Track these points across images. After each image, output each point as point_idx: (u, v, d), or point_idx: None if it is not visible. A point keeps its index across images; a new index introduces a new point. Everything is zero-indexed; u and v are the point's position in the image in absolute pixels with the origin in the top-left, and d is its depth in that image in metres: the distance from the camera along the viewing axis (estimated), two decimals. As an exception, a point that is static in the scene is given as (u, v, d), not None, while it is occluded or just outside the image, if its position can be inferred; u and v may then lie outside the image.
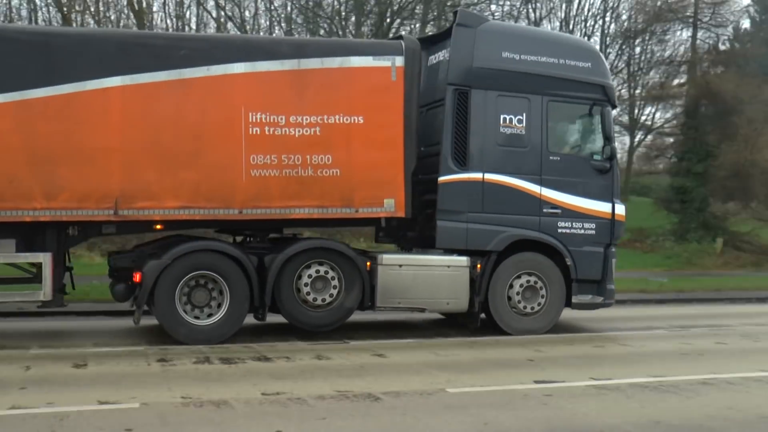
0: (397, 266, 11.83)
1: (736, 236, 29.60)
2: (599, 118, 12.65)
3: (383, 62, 11.59)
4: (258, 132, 11.15)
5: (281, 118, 11.23)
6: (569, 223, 12.42)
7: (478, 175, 12.08)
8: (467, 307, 12.05)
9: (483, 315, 12.32)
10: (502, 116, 12.17)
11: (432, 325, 13.50)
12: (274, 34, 29.93)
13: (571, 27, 33.41)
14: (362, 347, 11.04)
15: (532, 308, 12.34)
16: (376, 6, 27.57)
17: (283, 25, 30.25)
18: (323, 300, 11.55)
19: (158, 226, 11.56)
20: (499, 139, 12.19)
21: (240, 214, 11.21)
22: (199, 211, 11.07)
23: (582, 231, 12.49)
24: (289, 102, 11.28)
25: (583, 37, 33.48)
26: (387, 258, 11.88)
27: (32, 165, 10.45)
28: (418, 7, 28.16)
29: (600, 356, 10.79)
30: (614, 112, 13.36)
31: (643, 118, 39.63)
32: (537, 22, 32.91)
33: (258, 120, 11.15)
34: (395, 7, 26.89)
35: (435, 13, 28.90)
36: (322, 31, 28.19)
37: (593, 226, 12.54)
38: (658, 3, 32.98)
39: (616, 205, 12.74)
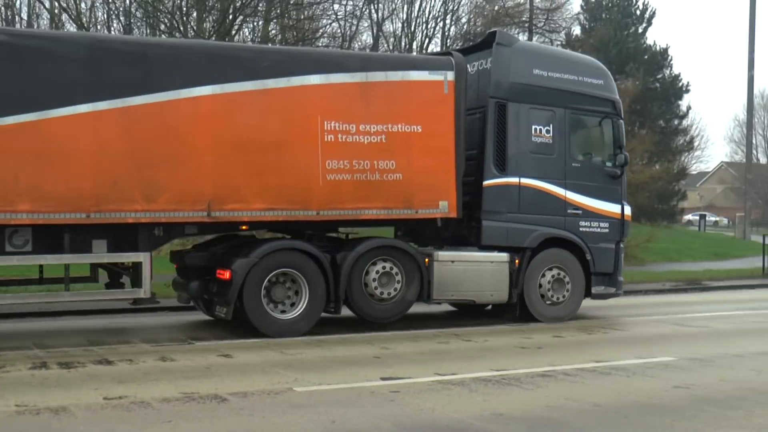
0: (450, 262, 13.10)
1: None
2: (611, 129, 14.32)
3: (437, 76, 12.70)
4: (332, 139, 12.03)
5: (352, 127, 12.16)
6: (588, 223, 14.10)
7: (515, 180, 13.51)
8: (507, 299, 13.48)
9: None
10: (533, 126, 13.64)
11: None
12: (114, 28, 29.06)
13: (413, 28, 33.97)
14: (207, 348, 10.88)
15: (558, 298, 13.89)
16: (218, 2, 27.14)
17: (121, 18, 29.38)
18: (388, 294, 12.56)
19: (243, 227, 12.45)
20: (531, 147, 13.62)
21: (318, 215, 12.10)
22: (281, 213, 11.88)
23: (599, 229, 14.19)
24: (358, 111, 12.23)
25: (425, 38, 34.17)
26: (441, 255, 13.08)
27: (133, 169, 10.94)
28: (261, 5, 27.92)
29: (444, 352, 11.00)
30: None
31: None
32: (380, 23, 33.30)
33: (332, 128, 12.04)
34: (238, 4, 26.54)
35: (278, 11, 28.72)
36: (162, 26, 27.52)
37: (607, 225, 14.27)
38: (496, 8, 34.00)
39: (625, 207, 14.49)
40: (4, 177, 10.32)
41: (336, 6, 30.91)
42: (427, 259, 12.92)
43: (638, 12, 51.42)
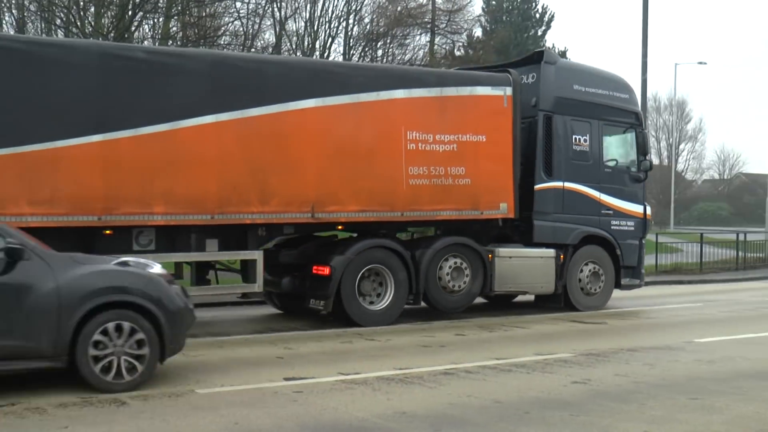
0: (509, 257, 14.61)
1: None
2: (635, 138, 16.24)
3: (498, 91, 14.18)
4: (414, 148, 13.45)
5: (429, 136, 13.60)
6: (618, 222, 15.88)
7: (560, 184, 15.14)
8: (553, 290, 15.13)
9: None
10: (573, 136, 15.32)
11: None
12: (6, 22, 28.11)
13: (315, 27, 33.84)
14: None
15: (595, 289, 15.64)
16: (117, -3, 26.51)
17: (14, 12, 28.44)
18: (458, 287, 14.07)
19: (340, 227, 13.80)
20: (572, 154, 15.26)
21: (402, 216, 13.60)
22: (372, 214, 13.26)
23: (626, 228, 15.98)
24: (434, 123, 13.65)
25: (328, 38, 34.07)
26: (502, 251, 14.58)
27: (250, 175, 12.13)
28: (161, 1, 27.39)
29: (348, 351, 11.02)
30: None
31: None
32: (282, 22, 33.07)
33: (413, 138, 13.46)
34: (137, 0, 25.99)
35: (179, 8, 28.23)
36: (58, 21, 26.75)
37: (633, 223, 16.08)
38: (399, 8, 34.16)
39: (646, 207, 16.39)
40: (142, 182, 11.40)
41: (238, 4, 30.57)
42: (490, 255, 14.40)
43: (537, 15, 52.43)
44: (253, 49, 29.55)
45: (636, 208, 16.13)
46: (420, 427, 7.03)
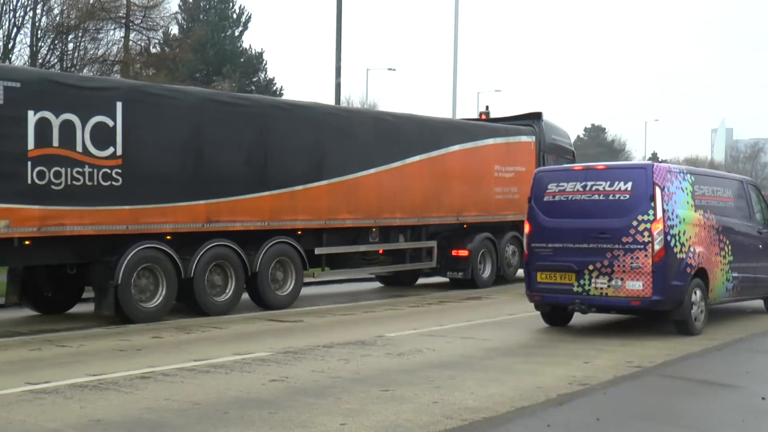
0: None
1: None
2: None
3: (530, 138, 22.02)
4: (497, 175, 20.95)
5: (503, 168, 21.09)
6: None
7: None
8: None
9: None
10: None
11: None
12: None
13: (-1, 16, 31.61)
14: None
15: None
16: None
17: None
18: (514, 263, 21.56)
19: (465, 226, 20.48)
20: None
21: (493, 218, 20.87)
22: (482, 217, 20.63)
23: None
24: (504, 159, 21.17)
25: (13, 28, 31.93)
26: None
27: (433, 193, 19.25)
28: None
29: (37, 360, 10.43)
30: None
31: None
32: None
33: (497, 169, 20.95)
34: None
35: None
36: None
37: None
38: (91, 0, 32.73)
39: None
40: (392, 198, 18.24)
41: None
42: None
43: (235, 15, 52.56)
44: None
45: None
46: (116, 434, 6.82)
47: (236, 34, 52.06)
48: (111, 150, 13.20)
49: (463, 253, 19.98)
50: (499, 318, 14.79)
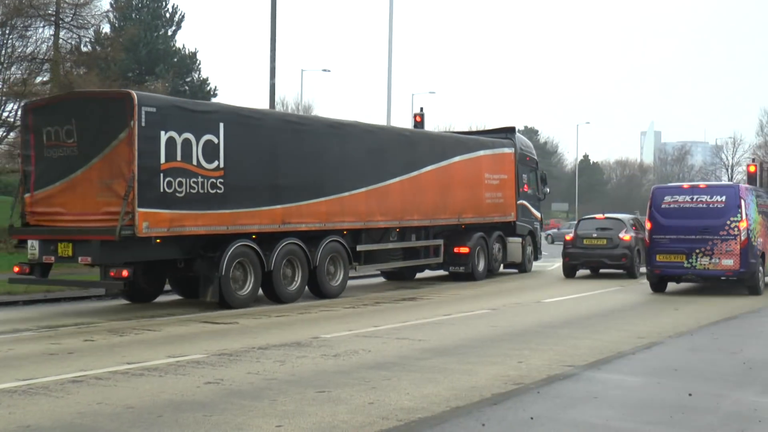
0: (510, 242, 26.54)
1: None
2: (536, 175, 28.62)
3: (511, 150, 25.74)
4: (487, 182, 24.36)
5: (491, 176, 24.61)
6: (537, 223, 29.30)
7: (523, 202, 27.31)
8: (520, 260, 26.83)
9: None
10: (522, 175, 26.85)
11: None
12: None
13: None
14: None
15: (529, 258, 27.75)
16: None
17: None
18: (501, 257, 25.72)
19: (463, 226, 23.74)
20: (521, 185, 26.99)
21: (483, 219, 24.34)
22: (476, 219, 24.10)
23: (538, 227, 29.52)
24: (492, 168, 24.63)
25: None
26: (510, 238, 26.35)
27: (441, 197, 22.50)
28: None
29: (-38, 364, 10.17)
30: None
31: (5, 114, 38.25)
32: None
33: (486, 177, 24.36)
34: None
35: None
36: None
37: (538, 224, 29.76)
38: (19, -4, 32.06)
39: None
40: (413, 203, 21.33)
41: None
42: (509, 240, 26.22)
43: (168, 14, 51.93)
44: None
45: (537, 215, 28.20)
46: (47, 439, 6.69)
47: (169, 33, 51.44)
48: (216, 163, 15.73)
49: (464, 250, 23.29)
50: (434, 319, 14.88)
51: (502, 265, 25.70)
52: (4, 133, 38.82)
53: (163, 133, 14.77)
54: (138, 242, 14.58)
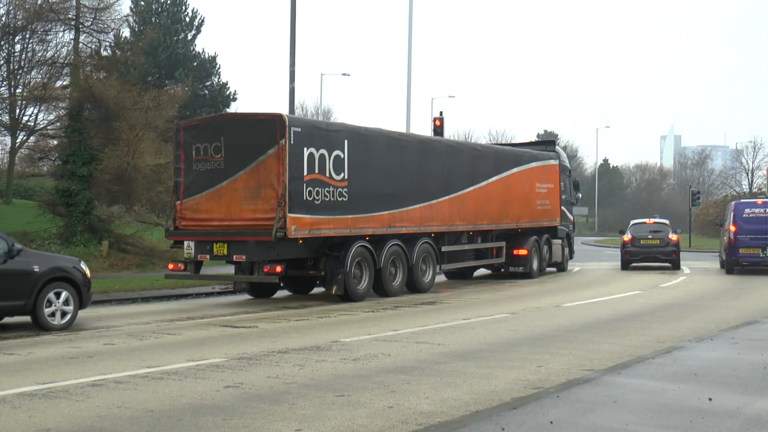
0: (555, 243, 30.07)
1: (121, 239, 30.23)
2: (570, 182, 31.91)
3: (555, 162, 28.70)
4: (538, 191, 27.13)
5: (541, 185, 27.38)
6: (570, 227, 32.71)
7: (563, 208, 30.56)
8: (561, 260, 30.17)
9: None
10: (562, 184, 29.63)
11: None
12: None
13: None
14: None
15: (566, 258, 31.15)
16: None
17: None
18: (547, 258, 28.77)
19: (519, 230, 26.24)
20: (564, 194, 30.37)
21: (535, 224, 27.12)
22: (530, 223, 26.71)
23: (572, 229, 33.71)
24: (541, 178, 27.43)
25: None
26: (554, 240, 29.63)
27: (503, 205, 25.06)
28: None
29: (-16, 367, 10.24)
30: None
31: (26, 118, 38.55)
32: None
33: (537, 186, 27.15)
34: None
35: None
36: None
37: (572, 227, 33.45)
38: (39, 1, 32.26)
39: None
40: (480, 209, 23.78)
41: None
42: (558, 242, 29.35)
43: (188, 19, 52.14)
44: None
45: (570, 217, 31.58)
46: (68, 442, 6.72)
47: (189, 37, 51.64)
48: (342, 175, 18.36)
49: (523, 252, 26.09)
50: (453, 323, 14.84)
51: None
52: (25, 137, 39.20)
53: (305, 149, 17.39)
54: (286, 243, 17.07)
